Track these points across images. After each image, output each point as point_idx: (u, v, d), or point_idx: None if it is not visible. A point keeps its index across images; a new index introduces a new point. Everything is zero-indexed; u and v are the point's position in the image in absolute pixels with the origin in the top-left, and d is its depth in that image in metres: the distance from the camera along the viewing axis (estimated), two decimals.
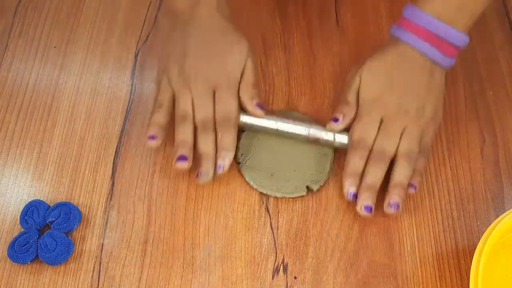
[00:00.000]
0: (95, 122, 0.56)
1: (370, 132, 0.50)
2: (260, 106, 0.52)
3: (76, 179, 0.53)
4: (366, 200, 0.49)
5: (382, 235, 0.51)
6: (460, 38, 0.50)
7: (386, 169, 0.50)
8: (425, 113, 0.51)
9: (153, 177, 0.53)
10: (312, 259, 0.49)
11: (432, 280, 0.49)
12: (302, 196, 0.52)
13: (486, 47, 0.62)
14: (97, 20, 0.63)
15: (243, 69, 0.52)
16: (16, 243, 0.48)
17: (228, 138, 0.50)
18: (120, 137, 0.55)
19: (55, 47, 0.61)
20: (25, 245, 0.48)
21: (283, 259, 0.49)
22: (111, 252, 0.49)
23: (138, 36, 0.62)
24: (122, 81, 0.59)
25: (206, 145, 0.50)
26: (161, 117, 0.51)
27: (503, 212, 0.47)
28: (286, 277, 0.49)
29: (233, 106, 0.51)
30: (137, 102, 0.57)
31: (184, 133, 0.50)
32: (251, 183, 0.52)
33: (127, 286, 0.48)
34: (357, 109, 0.52)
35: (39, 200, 0.51)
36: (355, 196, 0.50)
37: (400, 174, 0.49)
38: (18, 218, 0.50)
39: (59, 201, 0.51)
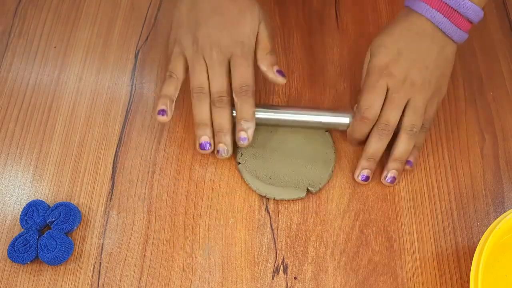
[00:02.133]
0: (95, 122, 0.56)
1: (377, 102, 0.50)
2: (281, 73, 0.51)
3: (76, 179, 0.53)
4: (364, 169, 0.52)
5: (382, 235, 0.51)
6: (474, 11, 0.49)
7: (388, 141, 0.51)
8: (430, 86, 0.50)
9: (153, 177, 0.53)
10: (312, 259, 0.49)
11: (432, 280, 0.49)
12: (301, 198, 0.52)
13: (486, 48, 0.62)
14: (97, 20, 0.63)
15: (257, 35, 0.51)
16: (16, 243, 0.48)
17: (248, 108, 0.50)
18: (120, 137, 0.55)
19: (55, 47, 0.61)
20: (25, 245, 0.48)
21: (283, 259, 0.49)
22: (111, 252, 0.49)
23: (138, 36, 0.62)
24: (122, 81, 0.59)
25: (223, 118, 0.50)
26: (172, 89, 0.51)
27: (503, 212, 0.47)
28: (286, 277, 0.49)
29: (250, 74, 0.50)
30: (137, 102, 0.57)
31: (202, 113, 0.50)
32: (250, 185, 0.52)
33: (127, 286, 0.48)
34: (364, 79, 0.52)
35: (39, 200, 0.51)
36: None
37: (401, 149, 0.51)
38: (18, 218, 0.50)
39: (59, 201, 0.51)
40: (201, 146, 0.51)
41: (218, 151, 0.52)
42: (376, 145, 0.51)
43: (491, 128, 0.57)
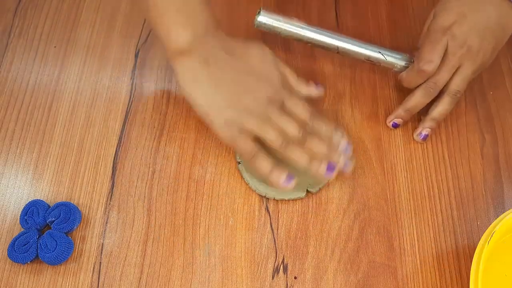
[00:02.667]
0: (95, 122, 0.56)
1: (437, 58, 0.51)
2: (317, 84, 0.54)
3: (76, 179, 0.53)
4: (398, 118, 0.55)
5: (382, 235, 0.51)
6: None
7: (432, 99, 0.53)
8: (484, 55, 0.52)
9: (153, 177, 0.53)
10: (312, 259, 0.49)
11: (432, 280, 0.49)
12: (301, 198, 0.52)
13: None
14: (97, 20, 0.63)
15: (279, 68, 0.52)
16: (16, 243, 0.48)
17: (328, 128, 0.51)
18: (120, 137, 0.55)
19: (55, 47, 0.61)
20: (25, 245, 0.48)
21: (283, 259, 0.49)
22: (111, 252, 0.49)
23: (138, 36, 0.62)
24: (122, 81, 0.59)
25: (319, 147, 0.49)
26: (269, 161, 0.49)
27: (503, 212, 0.47)
28: (286, 277, 0.49)
29: (305, 103, 0.51)
30: (137, 102, 0.57)
31: (303, 156, 0.49)
32: (250, 184, 0.52)
33: (127, 286, 0.48)
34: (425, 35, 0.53)
35: (39, 200, 0.51)
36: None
37: (440, 109, 0.53)
38: (18, 218, 0.50)
39: (59, 201, 0.51)
40: (329, 169, 0.49)
41: (345, 168, 0.51)
42: (419, 100, 0.53)
43: (491, 128, 0.57)
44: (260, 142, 0.49)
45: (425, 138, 0.54)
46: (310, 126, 0.50)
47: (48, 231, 0.49)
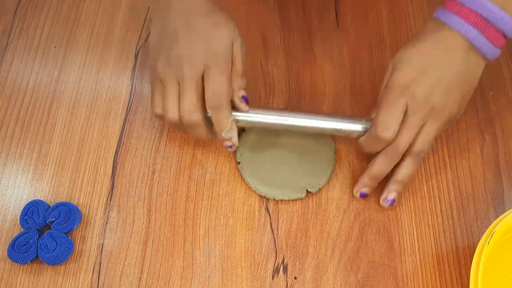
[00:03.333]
0: (95, 122, 0.56)
1: (394, 124, 0.47)
2: (245, 99, 0.50)
3: (76, 179, 0.53)
4: (365, 188, 0.51)
5: (382, 235, 0.51)
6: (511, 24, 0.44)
7: (395, 164, 0.49)
8: (450, 112, 0.47)
9: (153, 177, 0.53)
10: (312, 259, 0.49)
11: (432, 280, 0.49)
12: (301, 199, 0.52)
13: None
14: (97, 20, 0.63)
15: (232, 52, 0.49)
16: (16, 243, 0.48)
17: (223, 119, 0.49)
18: (120, 137, 0.55)
19: (55, 47, 0.61)
20: (25, 245, 0.48)
21: (283, 259, 0.49)
22: (111, 252, 0.49)
23: (138, 36, 0.62)
24: (122, 81, 0.59)
25: (199, 135, 0.50)
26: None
27: (503, 212, 0.47)
28: (286, 277, 0.49)
29: (223, 82, 0.48)
30: (137, 102, 0.57)
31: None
32: (250, 185, 0.52)
33: (127, 286, 0.48)
34: (383, 93, 0.48)
35: (39, 200, 0.51)
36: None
37: (405, 173, 0.49)
38: (18, 218, 0.50)
39: (59, 201, 0.51)
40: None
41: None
42: (382, 166, 0.49)
43: (491, 128, 0.57)
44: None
45: (392, 203, 0.50)
46: (211, 105, 0.48)
47: (48, 231, 0.49)
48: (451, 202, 0.52)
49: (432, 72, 0.46)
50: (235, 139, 0.50)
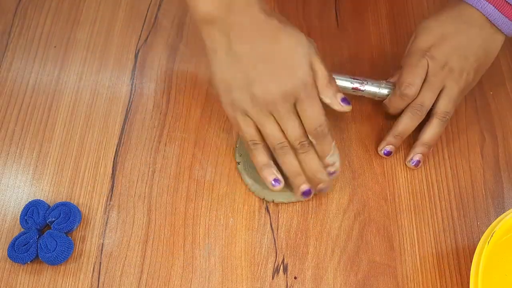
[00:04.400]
0: (95, 122, 0.56)
1: (417, 81, 0.51)
2: (346, 101, 0.49)
3: (76, 179, 0.53)
4: (389, 145, 0.53)
5: (382, 235, 0.51)
6: None
7: (419, 122, 0.52)
8: (467, 76, 0.51)
9: (153, 177, 0.53)
10: (312, 259, 0.49)
11: (432, 280, 0.49)
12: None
13: None
14: (97, 20, 0.63)
15: (312, 65, 0.47)
16: (16, 243, 0.48)
17: (327, 146, 0.48)
18: (120, 137, 0.55)
19: (55, 47, 0.61)
20: (25, 245, 0.48)
21: (283, 259, 0.49)
22: (111, 252, 0.49)
23: (138, 36, 0.62)
24: (122, 81, 0.59)
25: (313, 162, 0.48)
26: (265, 157, 0.49)
27: (503, 212, 0.47)
28: (286, 277, 0.49)
29: (319, 112, 0.47)
30: (137, 102, 0.57)
31: (293, 165, 0.48)
32: (249, 186, 0.52)
33: (127, 286, 0.48)
34: (405, 57, 0.53)
35: (39, 200, 0.51)
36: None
37: (431, 133, 0.52)
38: (18, 218, 0.50)
39: (59, 201, 0.51)
40: (305, 194, 0.50)
41: (321, 190, 0.50)
42: (406, 124, 0.52)
43: (491, 128, 0.57)
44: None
45: (418, 164, 0.53)
46: (314, 135, 0.48)
47: (48, 231, 0.49)
48: (451, 202, 0.52)
49: (450, 38, 0.51)
50: (338, 163, 0.50)
